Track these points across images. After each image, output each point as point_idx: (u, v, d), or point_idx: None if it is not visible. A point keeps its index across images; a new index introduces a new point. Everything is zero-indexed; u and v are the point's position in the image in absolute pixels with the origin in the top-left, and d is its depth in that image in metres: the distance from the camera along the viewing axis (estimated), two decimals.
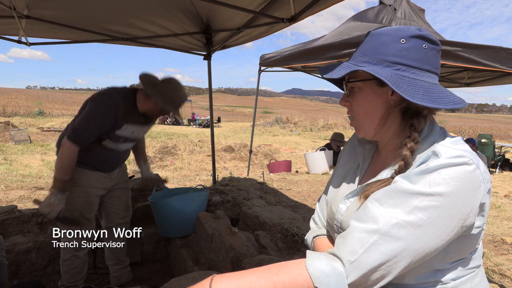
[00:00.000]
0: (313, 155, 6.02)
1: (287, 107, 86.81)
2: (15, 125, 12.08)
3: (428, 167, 0.65)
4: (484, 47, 3.01)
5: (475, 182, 0.65)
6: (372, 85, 0.77)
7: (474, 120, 62.16)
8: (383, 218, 0.65)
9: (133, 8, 2.60)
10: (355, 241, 0.66)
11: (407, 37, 0.74)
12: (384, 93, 0.76)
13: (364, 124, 0.81)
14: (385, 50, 0.74)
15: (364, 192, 0.77)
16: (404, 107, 0.77)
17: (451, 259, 0.72)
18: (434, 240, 0.64)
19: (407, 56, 0.74)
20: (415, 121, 0.75)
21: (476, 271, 0.76)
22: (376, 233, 0.64)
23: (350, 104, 0.82)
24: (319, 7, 2.08)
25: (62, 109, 32.38)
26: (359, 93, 0.79)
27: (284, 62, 4.32)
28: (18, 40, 2.94)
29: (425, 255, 0.65)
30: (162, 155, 8.57)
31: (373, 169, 0.86)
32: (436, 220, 0.63)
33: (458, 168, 0.64)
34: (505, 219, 3.82)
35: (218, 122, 22.92)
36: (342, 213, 0.85)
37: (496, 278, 2.29)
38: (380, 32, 0.77)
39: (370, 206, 0.68)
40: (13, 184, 4.12)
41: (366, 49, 0.77)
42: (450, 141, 0.72)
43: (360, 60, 0.77)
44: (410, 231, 0.63)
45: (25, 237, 2.45)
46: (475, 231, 0.70)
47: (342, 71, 0.76)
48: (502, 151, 10.28)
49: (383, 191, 0.69)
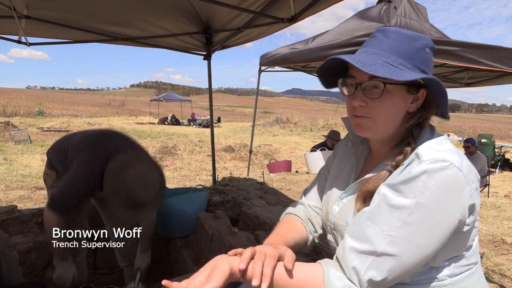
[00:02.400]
0: (313, 155, 6.02)
1: (287, 107, 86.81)
2: (15, 125, 12.08)
3: (411, 174, 0.66)
4: (485, 47, 3.00)
5: (459, 185, 0.66)
6: (402, 89, 0.74)
7: (474, 120, 62.14)
8: (377, 238, 0.67)
9: (133, 9, 2.59)
10: (356, 262, 0.68)
11: (429, 48, 0.76)
12: (408, 100, 0.76)
13: (382, 127, 0.77)
14: (418, 56, 0.74)
15: (362, 188, 0.78)
16: (418, 115, 0.77)
17: (444, 257, 0.73)
18: (427, 248, 0.66)
19: (429, 67, 0.75)
20: (417, 128, 0.77)
21: (473, 269, 0.77)
22: (372, 253, 0.67)
23: (367, 105, 0.75)
24: (319, 7, 2.08)
25: (62, 109, 32.40)
26: (387, 96, 0.74)
27: (285, 61, 4.31)
28: (18, 40, 2.94)
29: (421, 261, 0.68)
30: (162, 155, 8.57)
31: (368, 171, 0.86)
32: (426, 230, 0.65)
33: (440, 174, 0.65)
34: (505, 219, 3.82)
35: (218, 122, 22.92)
36: (335, 215, 0.86)
37: (496, 278, 2.29)
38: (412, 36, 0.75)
39: (363, 225, 0.70)
40: (13, 184, 4.12)
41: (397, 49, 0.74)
42: (435, 141, 0.73)
43: (395, 60, 0.73)
44: (403, 245, 0.65)
45: (25, 237, 2.45)
46: (465, 229, 0.71)
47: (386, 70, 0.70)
48: (502, 151, 10.27)
49: (372, 207, 0.71)
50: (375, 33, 0.79)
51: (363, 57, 0.73)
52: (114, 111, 35.80)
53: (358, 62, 0.71)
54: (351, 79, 0.77)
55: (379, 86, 0.73)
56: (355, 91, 0.76)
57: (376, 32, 0.79)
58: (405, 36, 0.75)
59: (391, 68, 0.71)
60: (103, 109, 39.24)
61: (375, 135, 0.80)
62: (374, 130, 0.78)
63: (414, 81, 0.73)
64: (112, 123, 19.37)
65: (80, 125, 16.03)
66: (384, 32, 0.77)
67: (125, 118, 25.82)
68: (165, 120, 21.74)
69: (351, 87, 0.78)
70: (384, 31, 0.77)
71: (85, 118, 22.36)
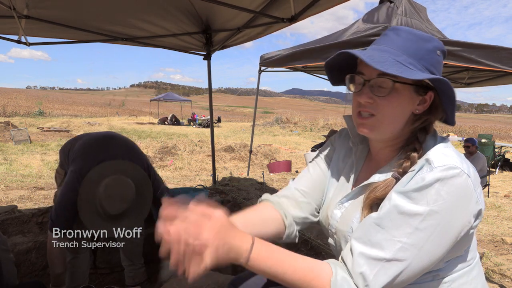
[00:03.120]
0: (313, 155, 5.99)
1: (287, 107, 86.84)
2: (15, 125, 12.08)
3: (424, 182, 0.66)
4: (485, 47, 3.00)
5: (469, 192, 0.67)
6: (410, 89, 0.74)
7: (474, 120, 62.14)
8: (387, 244, 0.66)
9: (133, 9, 2.59)
10: (364, 268, 0.67)
11: (440, 50, 0.75)
12: (415, 101, 0.75)
13: (388, 126, 0.76)
14: (429, 58, 0.73)
15: (369, 195, 0.76)
16: (424, 119, 0.77)
17: (446, 258, 0.73)
18: (436, 254, 0.67)
19: (439, 70, 0.75)
20: (423, 133, 0.76)
21: (472, 265, 0.77)
22: (382, 260, 0.66)
23: (374, 102, 0.74)
24: (319, 8, 2.08)
25: (62, 109, 32.39)
26: (395, 95, 0.73)
27: (284, 63, 4.31)
28: (18, 40, 2.94)
29: (428, 267, 0.68)
30: (162, 155, 8.56)
31: (367, 171, 0.85)
32: (436, 237, 0.65)
33: (452, 182, 0.65)
34: (505, 219, 3.82)
35: (218, 122, 22.92)
36: (337, 220, 0.85)
37: (496, 278, 2.29)
38: (424, 37, 0.75)
39: (373, 231, 0.69)
40: (13, 184, 4.12)
41: (408, 49, 0.73)
42: (442, 145, 0.73)
43: (406, 60, 0.72)
44: (413, 252, 0.65)
45: (25, 237, 2.45)
46: (469, 232, 0.71)
47: (396, 68, 0.69)
48: (502, 151, 10.26)
49: (382, 213, 0.69)
50: (387, 32, 0.78)
51: (373, 53, 0.72)
52: (114, 111, 35.78)
53: (368, 58, 0.69)
54: (360, 76, 0.76)
55: (387, 83, 0.72)
56: (362, 88, 0.75)
57: (388, 31, 0.78)
58: (416, 36, 0.74)
59: (401, 66, 0.70)
60: (103, 109, 39.23)
61: (378, 135, 0.79)
62: (378, 130, 0.76)
63: (422, 82, 0.72)
64: (112, 123, 19.36)
65: (80, 125, 16.01)
66: (395, 31, 0.76)
67: (125, 118, 25.81)
68: (165, 120, 21.74)
69: (358, 83, 0.77)
70: (396, 30, 0.76)
71: (85, 118, 22.35)
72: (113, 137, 1.99)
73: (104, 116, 27.87)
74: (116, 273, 2.47)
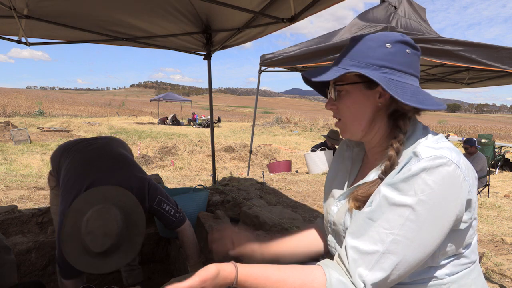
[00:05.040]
0: (313, 155, 6.02)
1: (287, 107, 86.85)
2: (15, 125, 12.08)
3: (410, 172, 0.67)
4: (485, 46, 3.00)
5: (457, 181, 0.67)
6: (360, 88, 0.79)
7: (474, 120, 62.17)
8: (380, 237, 0.67)
9: (133, 9, 2.59)
10: (359, 263, 0.69)
11: (392, 42, 0.77)
12: (372, 96, 0.78)
13: (351, 126, 0.82)
14: (372, 54, 0.76)
15: (353, 193, 0.80)
16: (392, 109, 0.79)
17: (443, 256, 0.73)
18: (429, 245, 0.67)
19: (393, 60, 0.76)
20: (401, 122, 0.77)
21: (471, 267, 0.77)
22: (376, 253, 0.67)
23: (336, 108, 0.83)
24: (319, 7, 2.07)
25: (62, 109, 32.40)
26: (347, 96, 0.80)
27: (284, 63, 4.32)
28: (18, 40, 2.94)
29: (423, 259, 0.69)
30: (162, 155, 8.57)
31: (363, 172, 0.88)
32: (428, 227, 0.66)
33: (439, 170, 0.66)
34: (505, 219, 3.82)
35: (218, 122, 22.93)
36: (334, 215, 0.89)
37: (496, 278, 2.29)
38: (366, 37, 0.80)
39: (365, 225, 0.70)
40: (13, 184, 4.12)
41: (352, 53, 0.79)
42: (432, 139, 0.74)
43: (348, 63, 0.78)
44: (406, 243, 0.66)
45: (25, 237, 2.45)
46: (462, 226, 0.72)
47: (333, 74, 0.77)
48: (502, 151, 10.27)
49: (373, 207, 0.71)
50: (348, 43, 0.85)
51: (322, 69, 0.80)
52: (114, 111, 35.80)
53: (308, 74, 0.80)
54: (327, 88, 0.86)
55: (338, 89, 0.81)
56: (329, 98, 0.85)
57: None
58: (365, 39, 0.79)
59: (341, 70, 0.76)
60: (103, 109, 39.24)
61: (352, 136, 0.84)
62: (348, 131, 0.84)
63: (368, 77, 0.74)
64: (112, 123, 19.36)
65: (80, 125, 16.02)
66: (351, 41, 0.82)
67: (125, 118, 25.82)
68: (165, 120, 21.75)
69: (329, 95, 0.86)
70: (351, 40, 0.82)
71: (85, 118, 22.36)
72: (101, 156, 1.79)
73: (104, 116, 27.88)
74: (116, 273, 2.47)
